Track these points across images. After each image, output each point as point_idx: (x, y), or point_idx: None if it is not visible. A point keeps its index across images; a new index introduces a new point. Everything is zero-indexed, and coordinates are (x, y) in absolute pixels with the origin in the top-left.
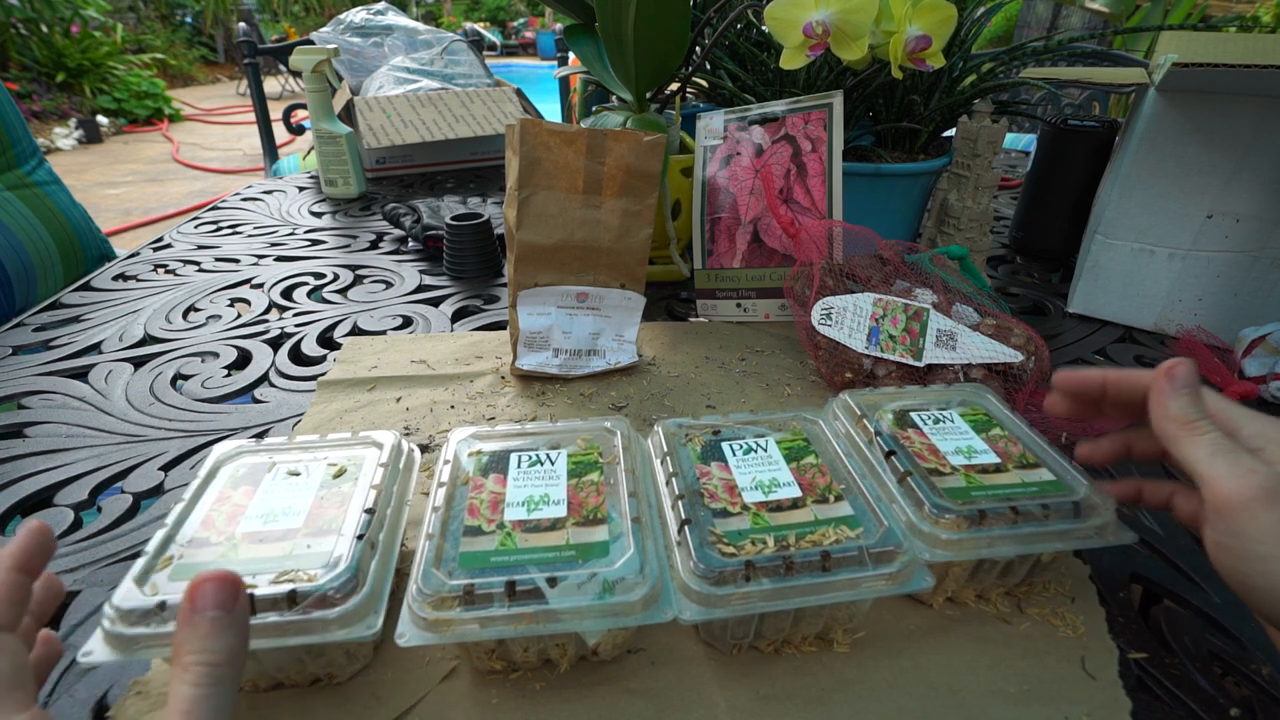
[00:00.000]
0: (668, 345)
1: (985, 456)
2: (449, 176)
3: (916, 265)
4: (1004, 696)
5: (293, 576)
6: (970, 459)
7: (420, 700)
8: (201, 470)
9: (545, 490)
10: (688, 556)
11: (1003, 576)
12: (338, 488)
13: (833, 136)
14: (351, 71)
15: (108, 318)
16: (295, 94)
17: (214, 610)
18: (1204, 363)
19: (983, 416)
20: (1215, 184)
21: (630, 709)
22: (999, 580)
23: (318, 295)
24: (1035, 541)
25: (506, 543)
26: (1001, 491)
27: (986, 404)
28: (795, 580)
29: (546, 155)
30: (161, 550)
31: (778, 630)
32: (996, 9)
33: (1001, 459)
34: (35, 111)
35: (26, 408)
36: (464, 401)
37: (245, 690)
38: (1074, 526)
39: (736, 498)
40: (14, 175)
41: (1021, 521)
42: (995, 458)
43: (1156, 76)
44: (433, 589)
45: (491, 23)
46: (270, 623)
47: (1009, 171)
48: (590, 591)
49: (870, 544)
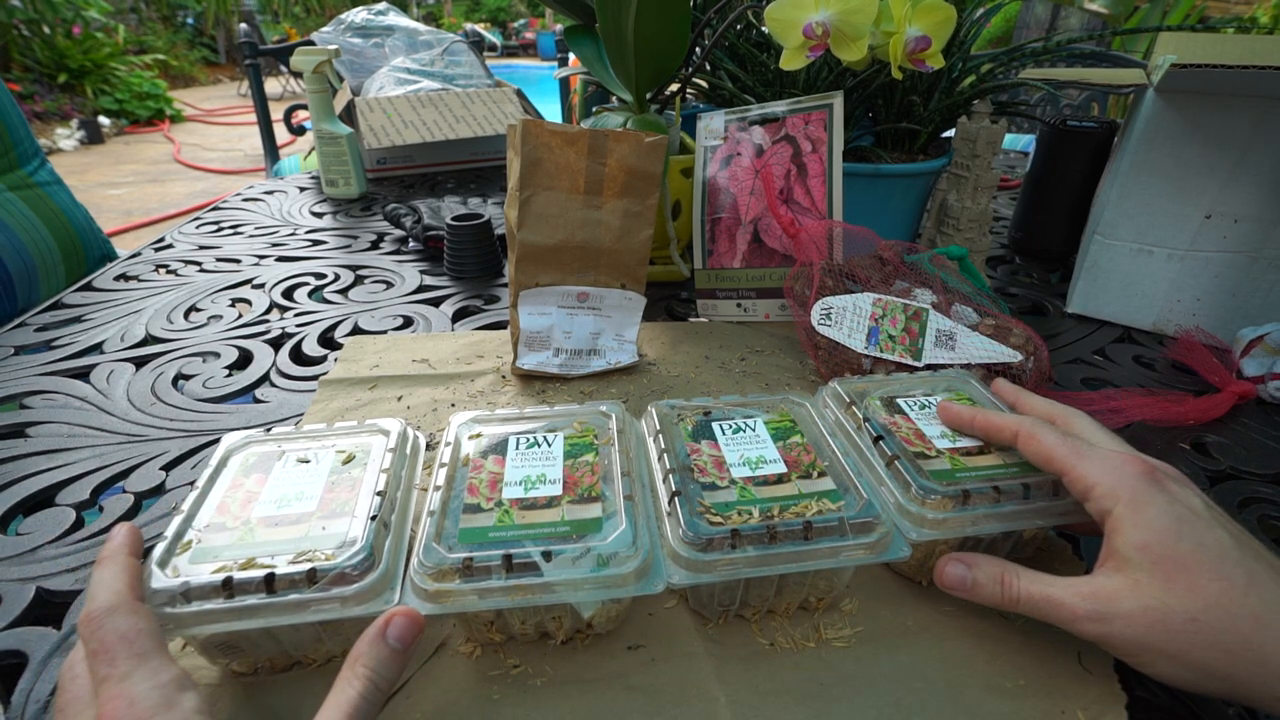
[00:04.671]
0: (668, 345)
1: (970, 439)
2: (449, 177)
3: (916, 265)
4: (1001, 691)
5: (310, 556)
6: (955, 442)
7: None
8: (212, 459)
9: (542, 470)
10: (677, 525)
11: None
12: (347, 473)
13: (833, 137)
14: (352, 72)
15: (109, 318)
16: (296, 95)
17: (397, 642)
18: (1202, 363)
19: (967, 401)
20: (1214, 184)
21: (630, 704)
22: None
23: (319, 295)
24: (1017, 519)
25: (504, 519)
26: (984, 472)
27: (970, 389)
28: (778, 548)
29: (548, 156)
30: (180, 535)
31: (762, 599)
32: (996, 10)
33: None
34: (37, 112)
35: (28, 407)
36: (465, 400)
37: (263, 670)
38: (1053, 504)
39: (725, 473)
40: (16, 176)
41: (1004, 500)
42: (978, 440)
43: (1155, 77)
44: (433, 562)
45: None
46: (292, 600)
47: (1008, 172)
48: (584, 565)
49: (850, 515)
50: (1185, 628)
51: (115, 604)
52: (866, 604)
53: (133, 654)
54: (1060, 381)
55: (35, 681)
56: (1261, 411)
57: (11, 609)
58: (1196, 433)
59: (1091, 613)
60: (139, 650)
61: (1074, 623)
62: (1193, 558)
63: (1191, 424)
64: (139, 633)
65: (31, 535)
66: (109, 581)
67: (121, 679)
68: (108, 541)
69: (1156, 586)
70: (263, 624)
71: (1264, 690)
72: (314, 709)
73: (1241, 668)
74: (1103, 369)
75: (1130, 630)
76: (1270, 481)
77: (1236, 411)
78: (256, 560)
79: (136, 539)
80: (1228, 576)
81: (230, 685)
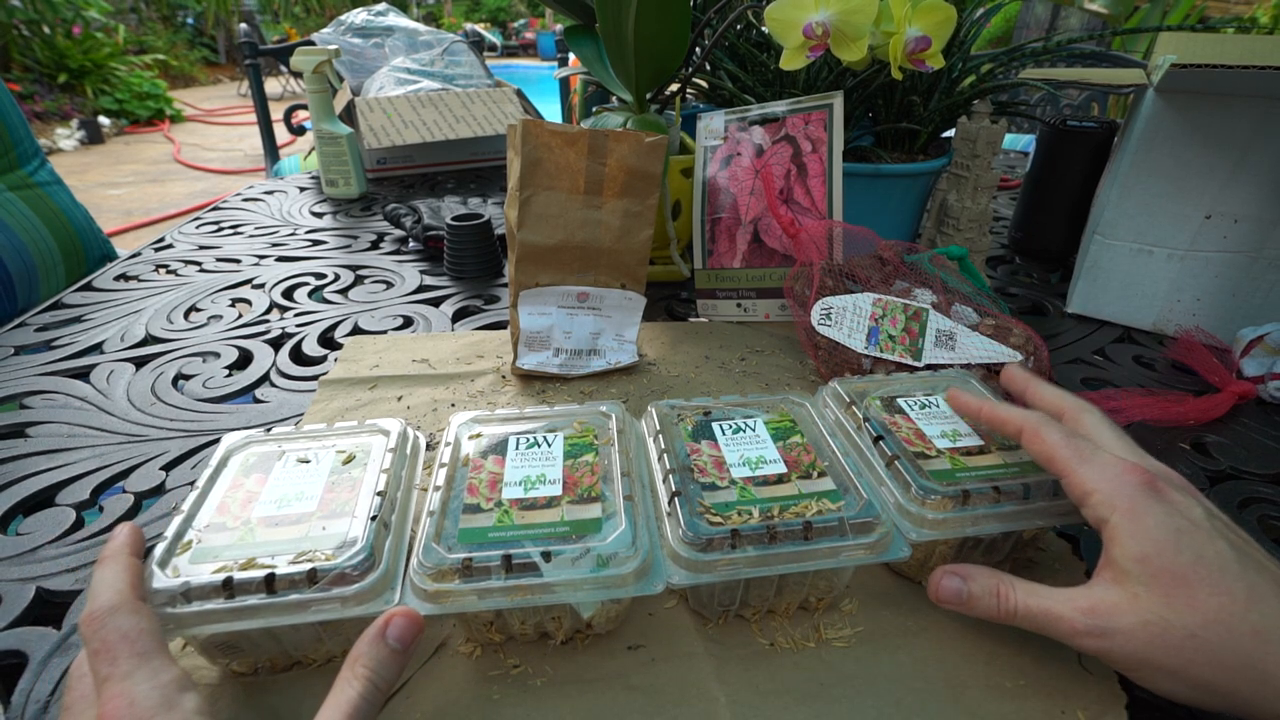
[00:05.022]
0: (668, 345)
1: (970, 439)
2: (449, 177)
3: (916, 265)
4: (1001, 691)
5: (310, 556)
6: (955, 442)
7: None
8: (212, 460)
9: (542, 470)
10: (677, 525)
11: (987, 554)
12: (348, 473)
13: (833, 137)
14: (352, 72)
15: (109, 318)
16: (296, 95)
17: (396, 643)
18: (1202, 363)
19: None
20: (1214, 184)
21: (630, 704)
22: (983, 558)
23: (318, 295)
24: (1017, 519)
25: (504, 519)
26: (984, 472)
27: (970, 389)
28: (778, 548)
29: (548, 156)
30: (180, 535)
31: (762, 598)
32: (995, 10)
33: (985, 441)
34: (37, 112)
35: (28, 407)
36: (465, 400)
37: (263, 670)
38: (1053, 504)
39: (725, 473)
40: (16, 176)
41: (1004, 500)
42: (979, 440)
43: (1155, 77)
44: (433, 562)
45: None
46: (293, 600)
47: (1008, 172)
48: (584, 565)
49: (850, 515)
50: (1185, 643)
51: (117, 603)
52: (866, 604)
53: (134, 653)
54: (1060, 381)
55: (35, 681)
56: (1261, 411)
57: (11, 609)
58: (1196, 433)
59: (1091, 628)
60: (140, 650)
61: (1073, 638)
62: (1192, 571)
63: (1191, 424)
64: (140, 632)
65: (31, 535)
66: (111, 581)
67: (122, 678)
68: (109, 541)
69: (1156, 601)
70: (263, 624)
71: (1266, 708)
72: (314, 709)
73: (1243, 685)
74: (1103, 369)
75: (1130, 646)
76: (1270, 481)
77: (1236, 411)
78: (257, 560)
79: (138, 538)
80: (1228, 591)
81: (230, 685)
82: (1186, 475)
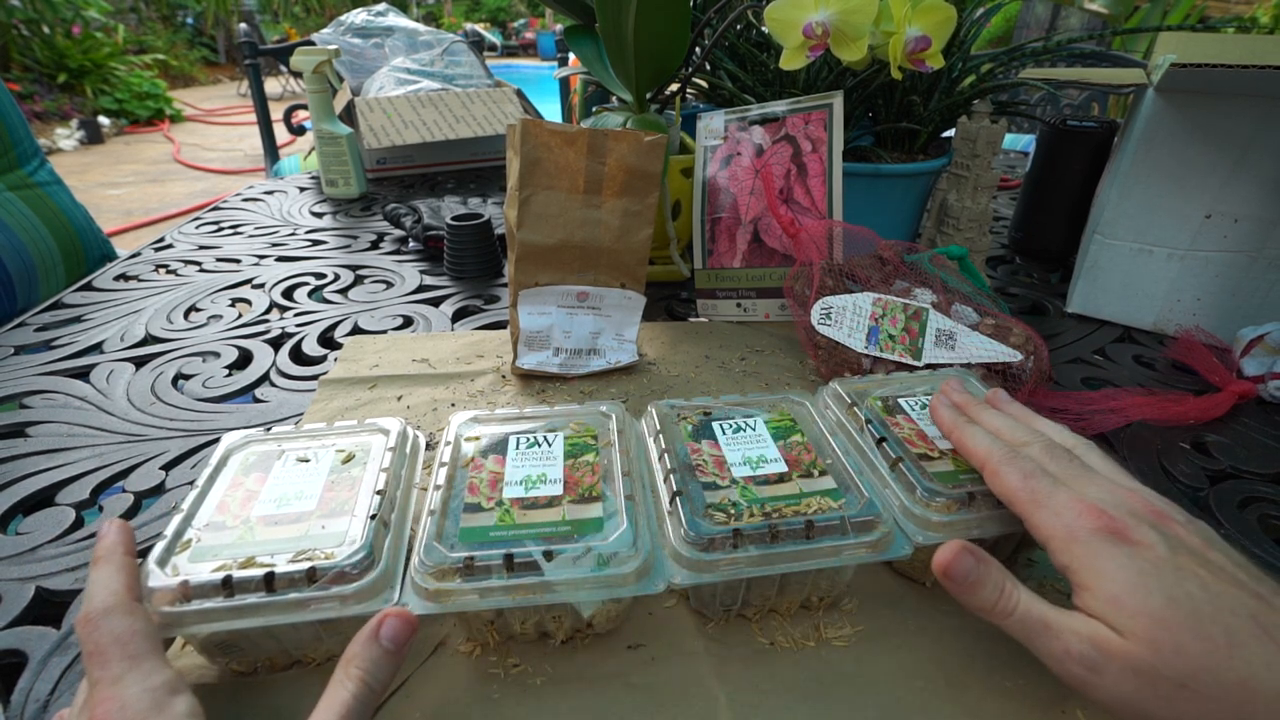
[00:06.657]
0: (668, 345)
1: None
2: (449, 177)
3: (916, 265)
4: (1001, 691)
5: (310, 555)
6: None
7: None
8: (212, 459)
9: (543, 470)
10: (679, 525)
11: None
12: (347, 472)
13: (833, 137)
14: (352, 72)
15: (109, 318)
16: (296, 95)
17: (389, 643)
18: (1202, 362)
19: None
20: (1214, 184)
21: (631, 702)
22: None
23: (318, 295)
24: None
25: (505, 519)
26: None
27: (970, 388)
28: (780, 547)
29: (547, 155)
30: (179, 534)
31: (764, 598)
32: (995, 10)
33: None
34: (37, 112)
35: (28, 407)
36: (465, 400)
37: (262, 669)
38: None
39: (725, 472)
40: (16, 176)
41: None
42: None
43: (1155, 77)
44: (434, 561)
45: (492, 23)
46: (292, 599)
47: (1008, 172)
48: (585, 564)
49: (851, 514)
50: (1175, 694)
51: (112, 605)
52: (867, 603)
53: (126, 656)
54: (1060, 381)
55: (35, 681)
56: (1262, 411)
57: (11, 609)
58: (1196, 432)
59: (1085, 657)
60: (132, 653)
61: (1062, 660)
62: (1168, 614)
63: (1192, 423)
64: (133, 634)
65: (31, 535)
66: (106, 581)
67: (113, 682)
68: (100, 540)
69: (1143, 646)
70: (262, 623)
71: None
72: (313, 708)
73: None
74: (1103, 369)
75: (1120, 688)
76: (1270, 481)
77: (1237, 411)
78: (256, 559)
79: (129, 535)
80: (1207, 636)
81: (230, 685)
82: (1187, 475)
